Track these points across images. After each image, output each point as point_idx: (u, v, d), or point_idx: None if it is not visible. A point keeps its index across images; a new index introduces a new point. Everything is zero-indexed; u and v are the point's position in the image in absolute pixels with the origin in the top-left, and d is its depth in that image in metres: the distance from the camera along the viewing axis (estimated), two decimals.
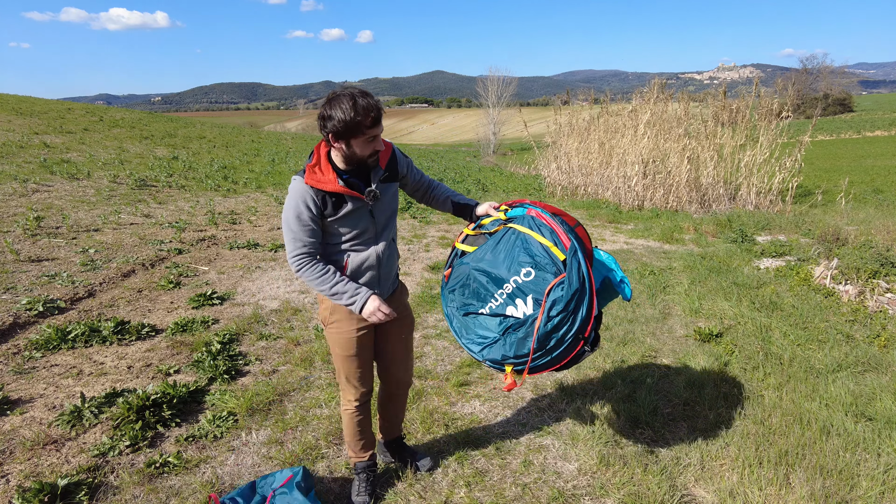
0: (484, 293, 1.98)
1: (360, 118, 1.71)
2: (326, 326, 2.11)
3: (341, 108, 1.71)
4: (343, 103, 1.71)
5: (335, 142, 1.79)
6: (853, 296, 4.76)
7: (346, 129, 1.73)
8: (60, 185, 8.73)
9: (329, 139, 1.80)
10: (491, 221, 2.14)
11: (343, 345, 2.08)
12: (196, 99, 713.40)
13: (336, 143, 1.79)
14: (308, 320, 4.33)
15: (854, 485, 2.38)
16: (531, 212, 2.01)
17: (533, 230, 1.93)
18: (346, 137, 1.76)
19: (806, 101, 37.84)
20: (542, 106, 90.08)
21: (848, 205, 9.32)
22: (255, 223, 7.80)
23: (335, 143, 1.80)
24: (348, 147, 1.80)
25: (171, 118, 26.40)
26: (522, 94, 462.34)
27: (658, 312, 4.62)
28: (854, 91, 71.57)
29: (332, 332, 2.09)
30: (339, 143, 1.79)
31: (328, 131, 1.76)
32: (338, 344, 2.09)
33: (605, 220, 9.48)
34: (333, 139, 1.78)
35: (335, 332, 2.08)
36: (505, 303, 1.93)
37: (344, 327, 2.06)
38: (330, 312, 2.07)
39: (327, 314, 2.08)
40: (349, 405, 2.20)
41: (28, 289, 4.43)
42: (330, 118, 1.73)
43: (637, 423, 2.90)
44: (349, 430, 2.24)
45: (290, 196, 1.86)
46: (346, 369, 2.13)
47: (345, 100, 1.72)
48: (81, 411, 2.75)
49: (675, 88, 13.91)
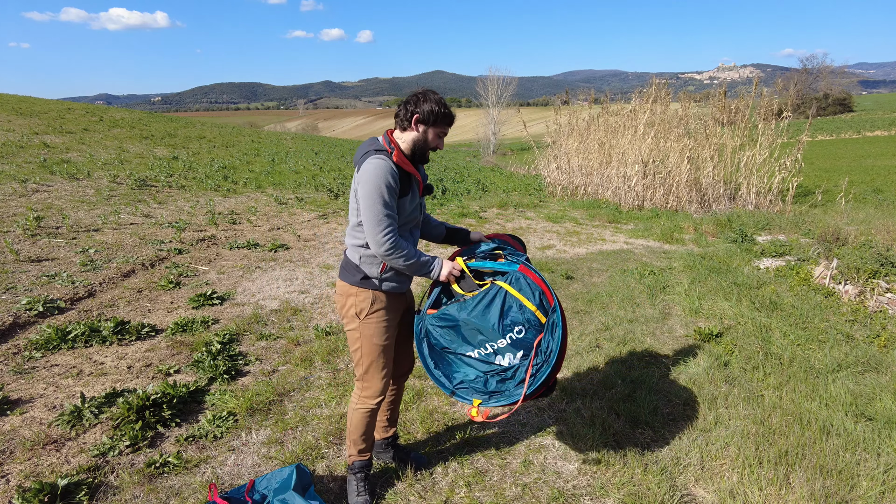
0: (474, 341, 2.11)
1: (447, 112, 2.04)
2: (363, 319, 2.10)
3: (432, 101, 2.01)
4: (434, 98, 2.02)
5: (416, 126, 2.02)
6: (853, 296, 4.76)
7: (434, 119, 2.01)
8: (60, 185, 8.73)
9: (413, 122, 2.01)
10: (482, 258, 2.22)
11: (382, 333, 2.12)
12: (196, 99, 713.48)
13: (417, 127, 2.02)
14: (308, 320, 4.33)
15: (854, 485, 2.38)
16: (522, 269, 2.11)
17: (523, 293, 2.06)
18: (428, 125, 2.02)
19: (806, 101, 37.84)
20: (541, 106, 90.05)
21: (848, 205, 9.33)
22: (255, 223, 7.80)
23: (415, 126, 2.02)
24: (424, 134, 2.04)
25: (171, 118, 26.40)
26: (522, 94, 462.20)
27: (658, 312, 4.62)
28: (854, 91, 71.57)
29: (373, 322, 2.10)
30: (420, 127, 2.03)
31: (417, 114, 1.99)
32: (377, 334, 2.11)
33: (605, 220, 9.48)
34: (416, 123, 2.01)
35: (376, 322, 2.10)
36: (494, 353, 2.08)
37: (388, 314, 2.12)
38: (371, 303, 2.08)
39: (367, 305, 2.08)
40: (369, 403, 2.18)
41: (28, 289, 4.43)
42: (423, 105, 1.99)
43: (637, 423, 2.90)
44: (359, 429, 2.23)
45: (377, 174, 1.91)
46: (381, 361, 2.15)
47: (435, 97, 2.03)
48: (81, 411, 2.75)
49: (675, 88, 13.93)
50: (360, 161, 2.01)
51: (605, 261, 6.46)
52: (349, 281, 2.10)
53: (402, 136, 2.06)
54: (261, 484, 2.17)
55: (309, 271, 5.63)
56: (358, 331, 2.11)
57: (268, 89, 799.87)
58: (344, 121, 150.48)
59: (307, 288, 5.11)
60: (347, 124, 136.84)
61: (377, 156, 1.95)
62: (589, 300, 4.92)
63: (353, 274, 2.09)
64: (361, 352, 2.14)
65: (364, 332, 2.11)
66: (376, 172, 1.92)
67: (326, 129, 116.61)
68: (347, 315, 2.12)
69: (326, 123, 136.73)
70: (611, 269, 6.04)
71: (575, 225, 8.96)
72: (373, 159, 1.94)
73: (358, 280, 2.08)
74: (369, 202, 1.92)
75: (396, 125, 2.09)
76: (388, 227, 1.94)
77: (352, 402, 2.24)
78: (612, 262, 6.41)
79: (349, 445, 2.29)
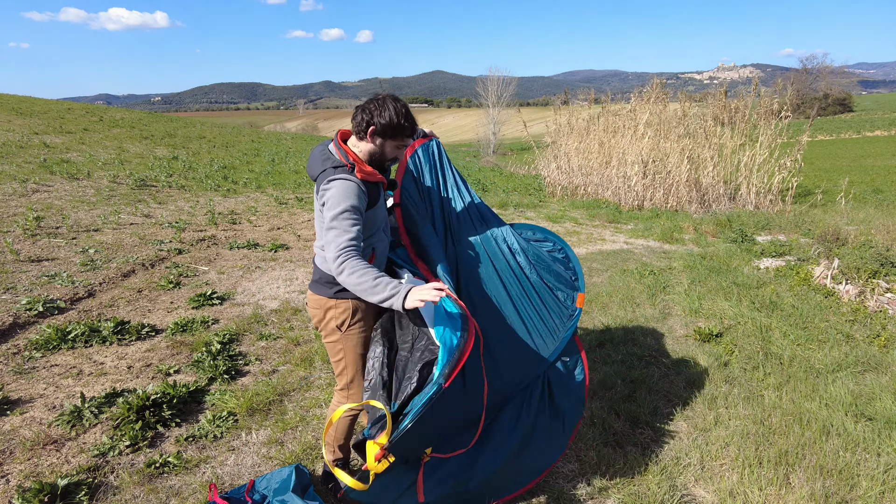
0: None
1: (406, 125, 1.88)
2: (344, 331, 2.05)
3: (391, 110, 1.85)
4: (394, 108, 1.86)
5: (371, 138, 1.89)
6: (853, 296, 4.76)
7: (392, 131, 1.87)
8: (60, 185, 8.73)
9: (367, 133, 1.88)
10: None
11: (365, 343, 2.09)
12: (196, 99, 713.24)
13: (371, 139, 1.89)
14: (308, 320, 4.33)
15: (854, 485, 2.38)
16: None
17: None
18: (384, 137, 1.89)
19: (806, 101, 37.84)
20: (541, 106, 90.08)
21: (848, 205, 9.33)
22: (255, 223, 7.80)
23: (370, 138, 1.89)
24: (381, 147, 1.92)
25: (170, 118, 26.39)
26: (522, 94, 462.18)
27: (658, 312, 4.62)
28: (854, 91, 71.49)
29: (355, 333, 2.06)
30: (375, 139, 1.90)
31: (373, 126, 1.86)
32: (360, 344, 2.08)
33: (605, 220, 9.48)
34: (371, 135, 1.88)
35: (357, 333, 2.06)
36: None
37: (367, 324, 2.09)
38: (352, 314, 2.03)
39: (347, 317, 2.03)
40: (353, 411, 2.18)
41: (28, 289, 4.43)
42: (377, 117, 1.85)
43: (637, 423, 2.90)
44: (343, 434, 2.24)
45: (344, 193, 1.81)
46: (364, 370, 2.10)
47: (396, 105, 1.86)
48: (81, 411, 2.75)
49: (675, 88, 13.93)
50: (319, 178, 1.89)
51: (605, 261, 6.46)
52: (325, 293, 2.03)
53: (358, 145, 1.94)
54: (260, 484, 2.17)
55: (309, 271, 5.63)
56: (340, 342, 2.07)
57: (268, 89, 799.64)
58: (344, 121, 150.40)
59: (307, 288, 5.11)
60: (347, 124, 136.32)
61: (340, 176, 1.84)
62: (589, 300, 4.92)
63: (329, 286, 2.02)
64: (345, 362, 2.10)
65: (347, 344, 2.07)
66: (342, 193, 1.81)
67: (327, 129, 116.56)
68: (328, 328, 2.06)
69: (326, 123, 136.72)
70: (611, 269, 6.04)
71: (575, 225, 8.96)
72: (336, 182, 1.83)
73: (335, 291, 2.01)
74: (332, 220, 1.81)
75: (353, 132, 1.96)
76: (344, 243, 1.78)
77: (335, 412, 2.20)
78: (612, 262, 6.41)
79: (332, 451, 2.28)
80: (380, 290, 1.72)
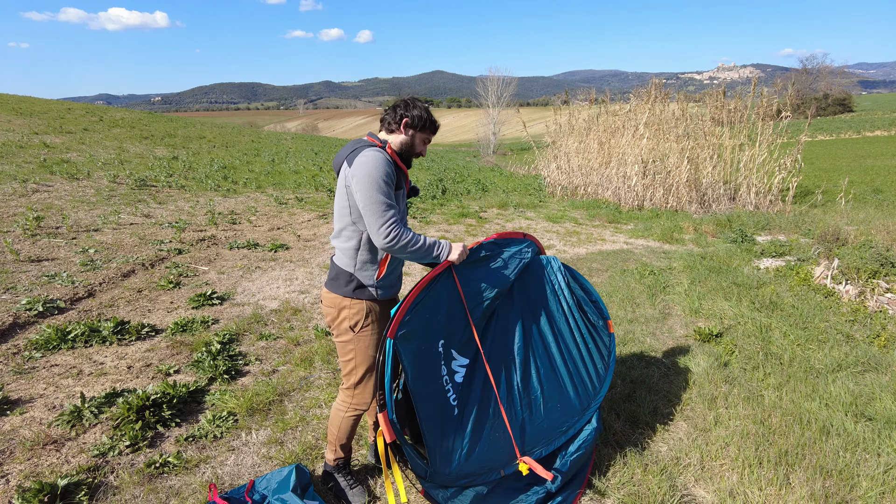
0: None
1: (433, 120, 2.11)
2: (357, 332, 2.05)
3: (420, 108, 2.07)
4: (422, 106, 2.08)
5: (405, 130, 2.05)
6: (853, 296, 4.76)
7: (423, 124, 2.06)
8: (60, 185, 8.73)
9: (402, 125, 2.04)
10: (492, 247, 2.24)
11: (377, 344, 2.09)
12: (196, 99, 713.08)
13: (406, 130, 2.06)
14: (308, 320, 4.33)
15: (854, 485, 2.38)
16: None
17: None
18: (416, 129, 2.07)
19: (806, 101, 37.84)
20: (541, 106, 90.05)
21: (848, 205, 9.33)
22: (255, 223, 7.80)
23: (404, 130, 2.05)
24: (412, 138, 2.07)
25: (171, 118, 26.40)
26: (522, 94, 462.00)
27: (658, 312, 4.62)
28: (854, 91, 71.47)
29: (367, 334, 2.06)
30: (409, 131, 2.06)
31: (407, 118, 2.03)
32: (372, 345, 2.08)
33: (605, 220, 9.48)
34: (405, 127, 2.05)
35: (370, 333, 2.07)
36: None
37: (380, 326, 2.09)
38: (366, 314, 2.04)
39: (361, 317, 2.03)
40: (359, 410, 2.18)
41: (28, 289, 4.43)
42: (412, 110, 2.05)
43: (637, 423, 2.90)
44: (346, 433, 2.24)
45: (374, 164, 1.86)
46: (373, 371, 2.10)
47: (423, 104, 2.09)
48: (81, 411, 2.75)
49: (675, 88, 13.92)
50: (349, 157, 1.94)
51: (605, 261, 6.46)
52: (341, 292, 2.03)
53: (389, 137, 2.06)
54: (260, 484, 2.17)
55: (309, 271, 5.63)
56: (352, 343, 2.07)
57: (268, 89, 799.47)
58: (344, 121, 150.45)
59: (307, 288, 5.11)
60: (347, 124, 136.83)
61: (371, 149, 1.91)
62: None
63: (345, 284, 2.02)
64: (355, 363, 2.10)
65: (359, 345, 2.07)
66: (374, 164, 1.86)
67: (326, 129, 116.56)
68: (340, 328, 2.06)
69: (326, 123, 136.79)
70: (611, 269, 6.04)
71: (575, 225, 8.96)
72: (368, 151, 1.90)
73: (351, 291, 2.02)
74: (368, 194, 1.85)
75: (382, 128, 2.09)
76: (392, 217, 1.86)
77: (338, 410, 2.20)
78: (612, 262, 6.41)
79: (334, 450, 2.28)
80: (432, 250, 1.98)
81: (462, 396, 2.06)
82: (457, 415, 2.04)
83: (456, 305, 2.06)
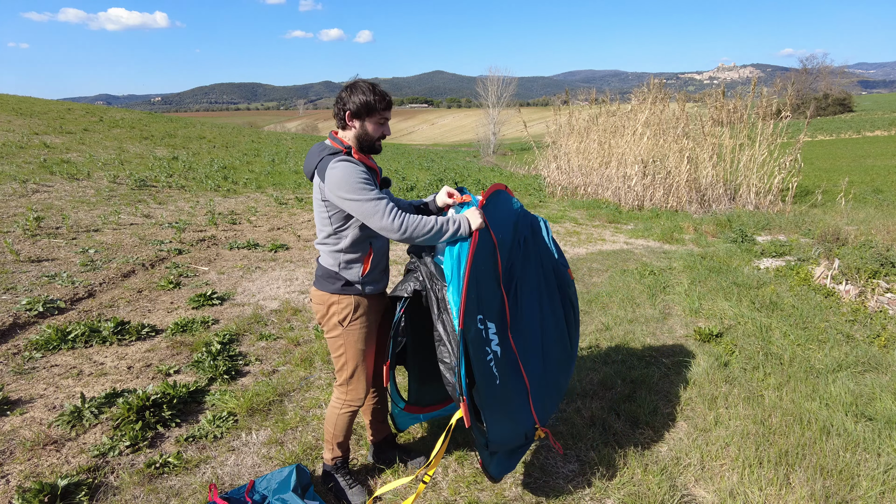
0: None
1: (377, 98, 1.94)
2: (346, 326, 2.07)
3: (361, 90, 1.93)
4: (362, 87, 1.94)
5: (350, 120, 1.96)
6: (853, 296, 4.76)
7: (367, 109, 1.93)
8: (60, 185, 8.73)
9: (346, 118, 1.95)
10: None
11: (366, 338, 2.11)
12: (196, 99, 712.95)
13: (351, 121, 1.96)
14: (308, 320, 4.33)
15: (854, 485, 2.38)
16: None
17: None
18: (362, 117, 1.95)
19: (805, 102, 37.82)
20: (541, 106, 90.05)
21: (848, 205, 9.33)
22: (255, 223, 7.80)
23: (350, 122, 1.96)
24: (363, 127, 1.97)
25: (171, 118, 26.40)
26: (522, 94, 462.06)
27: (658, 312, 4.62)
28: (854, 91, 71.48)
29: (356, 328, 2.08)
30: (355, 121, 1.96)
31: (347, 110, 1.94)
32: (361, 339, 2.09)
33: (605, 220, 9.48)
34: (350, 118, 1.95)
35: (359, 327, 2.08)
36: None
37: (370, 319, 2.10)
38: (354, 308, 2.05)
39: (349, 311, 2.05)
40: (353, 406, 2.19)
41: (28, 289, 4.43)
42: (350, 99, 1.93)
43: (637, 423, 2.90)
44: (343, 432, 2.24)
45: (348, 173, 1.85)
46: (364, 365, 2.14)
47: (363, 85, 1.95)
48: (81, 411, 2.75)
49: (675, 88, 13.93)
50: (319, 169, 1.93)
51: (605, 261, 6.46)
52: (328, 289, 2.05)
53: (345, 134, 2.01)
54: (261, 484, 2.17)
55: (309, 271, 5.63)
56: (342, 338, 2.09)
57: (268, 89, 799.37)
58: None
59: (307, 288, 5.11)
60: None
61: (339, 158, 1.89)
62: (589, 300, 4.92)
63: (332, 282, 2.05)
64: (346, 358, 2.12)
65: (348, 339, 2.09)
66: (347, 172, 1.86)
67: (326, 129, 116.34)
68: (330, 323, 2.09)
69: (326, 123, 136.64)
70: (611, 269, 6.04)
71: (575, 225, 8.96)
72: (337, 163, 1.87)
73: (339, 287, 2.04)
74: (357, 201, 1.85)
75: (336, 126, 2.04)
76: (391, 207, 1.86)
77: (334, 408, 2.21)
78: (612, 262, 6.41)
79: (331, 449, 2.28)
80: (447, 227, 1.91)
81: (500, 365, 2.01)
82: (499, 384, 1.99)
83: (490, 275, 2.02)
